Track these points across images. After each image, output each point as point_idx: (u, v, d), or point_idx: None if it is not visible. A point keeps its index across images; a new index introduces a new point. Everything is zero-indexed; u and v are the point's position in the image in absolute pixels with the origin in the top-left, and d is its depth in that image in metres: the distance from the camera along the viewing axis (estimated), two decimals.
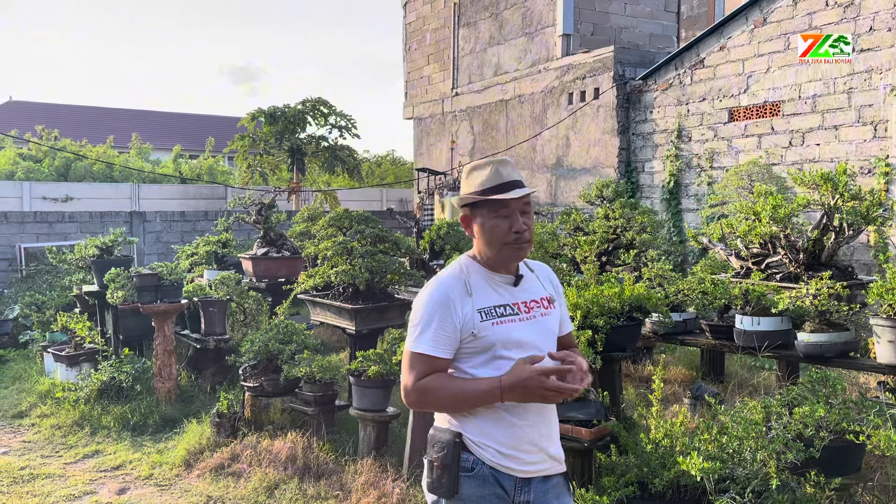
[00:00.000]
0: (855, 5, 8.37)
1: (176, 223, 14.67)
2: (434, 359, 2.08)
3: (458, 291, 2.11)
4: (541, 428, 2.16)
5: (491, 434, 2.11)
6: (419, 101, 16.29)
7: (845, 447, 3.47)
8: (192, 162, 24.74)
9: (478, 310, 2.10)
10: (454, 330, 2.08)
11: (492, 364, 2.11)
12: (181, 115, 38.73)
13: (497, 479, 2.11)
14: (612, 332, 4.36)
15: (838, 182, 5.36)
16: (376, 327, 5.99)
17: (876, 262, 7.96)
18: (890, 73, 8.06)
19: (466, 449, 2.12)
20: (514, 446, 2.11)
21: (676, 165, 10.53)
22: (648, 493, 3.50)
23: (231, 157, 23.31)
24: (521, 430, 2.12)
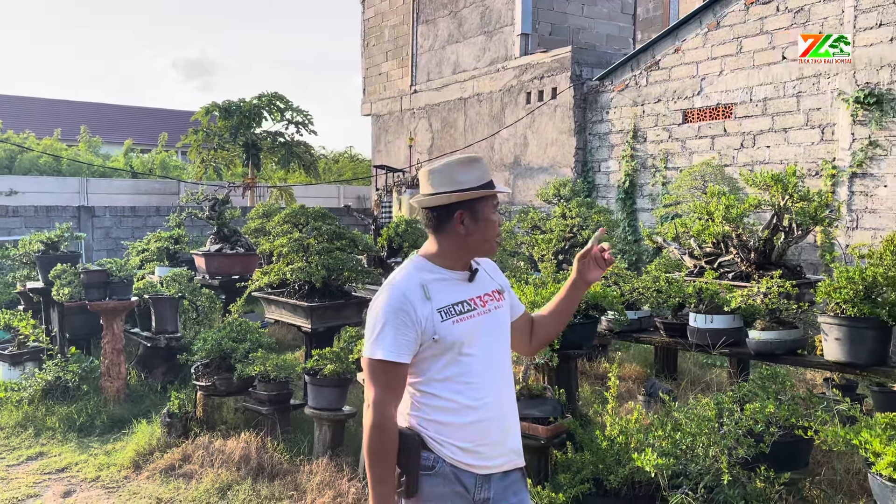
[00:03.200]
0: (804, 11, 8.59)
1: (126, 218, 14.31)
2: (396, 365, 2.04)
3: (417, 295, 2.07)
4: (502, 422, 2.16)
5: (451, 431, 2.09)
6: (377, 98, 16.19)
7: (794, 442, 3.55)
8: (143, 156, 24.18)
9: (438, 310, 2.08)
10: (415, 334, 2.05)
11: (455, 362, 2.09)
12: (133, 109, 37.80)
13: (458, 476, 2.10)
14: (568, 329, 4.38)
15: (788, 183, 5.49)
16: (333, 325, 5.92)
17: (823, 261, 8.19)
18: (837, 78, 8.30)
19: (427, 447, 2.10)
20: (475, 442, 2.10)
21: (632, 165, 10.67)
22: (604, 490, 3.53)
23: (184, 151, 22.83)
24: (482, 425, 2.11)
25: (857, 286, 3.88)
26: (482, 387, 2.12)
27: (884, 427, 2.95)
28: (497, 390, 2.16)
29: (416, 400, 2.14)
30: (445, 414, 2.10)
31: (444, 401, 2.09)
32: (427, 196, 2.16)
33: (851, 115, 8.14)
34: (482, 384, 2.12)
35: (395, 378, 2.06)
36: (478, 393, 2.11)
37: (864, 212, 8.12)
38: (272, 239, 6.66)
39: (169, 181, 19.16)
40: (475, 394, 2.10)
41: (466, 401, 2.09)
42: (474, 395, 2.10)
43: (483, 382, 2.12)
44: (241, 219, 10.74)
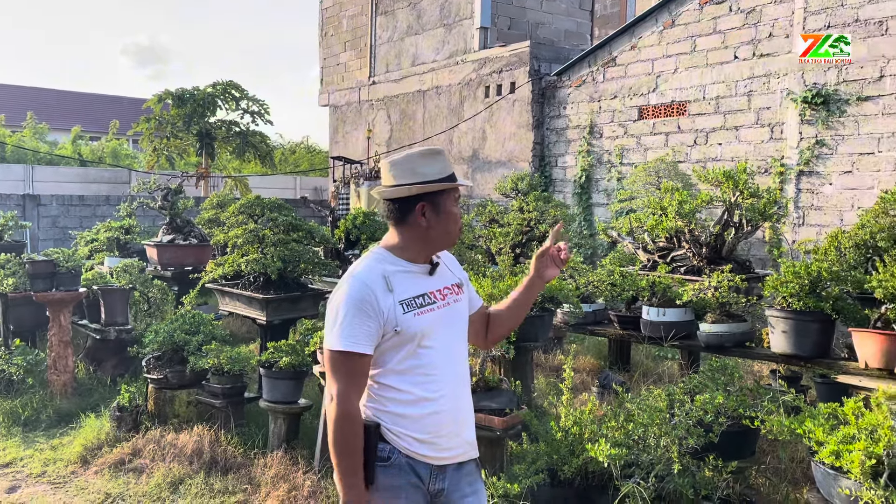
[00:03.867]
0: (756, 12, 8.79)
1: (75, 207, 13.91)
2: (358, 356, 2.03)
3: (379, 286, 2.07)
4: (458, 414, 2.18)
5: (407, 422, 2.10)
6: (335, 89, 16.04)
7: (741, 432, 3.65)
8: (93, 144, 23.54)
9: (399, 302, 2.08)
10: (376, 326, 2.04)
11: (414, 355, 2.10)
12: (82, 95, 36.70)
13: (413, 467, 2.11)
14: (525, 322, 4.41)
15: (738, 180, 5.63)
16: (288, 318, 5.86)
17: (771, 256, 8.41)
18: (786, 78, 8.52)
19: (383, 438, 2.10)
20: (432, 433, 2.11)
21: (588, 161, 10.79)
22: (558, 480, 3.58)
23: (136, 140, 22.29)
24: (439, 416, 2.12)
25: (802, 281, 4.00)
26: (440, 379, 2.13)
27: (826, 417, 3.06)
28: (454, 383, 2.18)
29: (374, 391, 2.14)
30: (402, 405, 2.10)
31: (401, 392, 2.10)
32: (389, 188, 2.15)
33: (799, 114, 8.37)
34: (440, 376, 2.13)
35: (358, 369, 2.05)
36: (435, 385, 2.12)
37: (810, 209, 8.37)
38: (227, 230, 6.56)
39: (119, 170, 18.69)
40: (433, 386, 2.11)
41: (424, 393, 2.10)
42: (432, 388, 2.11)
43: (441, 375, 2.13)
44: (195, 209, 10.54)
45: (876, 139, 7.80)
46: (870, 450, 2.72)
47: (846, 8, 7.98)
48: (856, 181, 7.99)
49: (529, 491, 3.50)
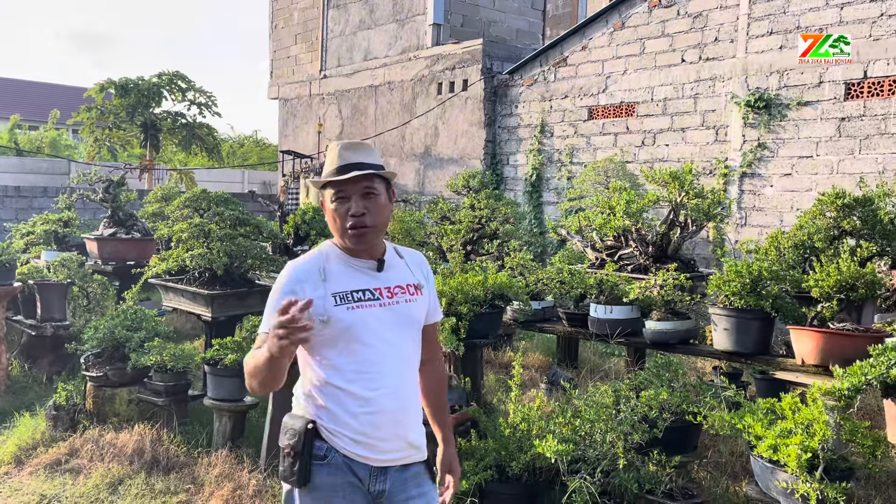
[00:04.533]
0: (703, 16, 8.99)
1: (10, 199, 13.39)
2: None
3: (311, 276, 2.06)
4: (397, 415, 2.11)
5: (345, 421, 2.05)
6: (285, 82, 15.81)
7: (684, 427, 3.73)
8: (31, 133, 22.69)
9: (332, 294, 2.04)
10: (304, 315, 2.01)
11: (349, 350, 2.06)
12: (18, 82, 35.34)
13: (351, 467, 2.07)
14: (475, 319, 4.43)
15: (684, 181, 5.75)
16: (235, 314, 5.75)
17: (714, 256, 8.63)
18: (731, 82, 8.74)
19: (320, 436, 2.06)
20: (368, 434, 2.06)
21: (539, 159, 10.89)
22: (506, 476, 3.60)
23: (76, 129, 21.58)
24: (377, 416, 2.07)
25: (744, 280, 4.10)
26: (380, 378, 2.07)
27: (765, 412, 3.14)
28: (397, 383, 2.11)
29: (311, 388, 2.10)
30: (339, 403, 2.06)
31: (338, 390, 2.06)
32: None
33: (743, 117, 8.60)
34: (380, 375, 2.07)
35: None
36: (374, 384, 2.07)
37: (752, 210, 8.61)
38: (171, 224, 6.40)
39: (58, 160, 18.06)
40: (371, 384, 2.06)
41: (361, 391, 2.05)
42: (370, 386, 2.06)
43: (381, 374, 2.08)
44: (138, 202, 10.27)
45: (814, 143, 8.07)
46: (805, 444, 2.81)
47: (788, 16, 8.22)
48: (795, 183, 8.25)
49: (478, 487, 3.51)
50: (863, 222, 4.55)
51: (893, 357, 2.84)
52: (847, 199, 4.59)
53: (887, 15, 7.47)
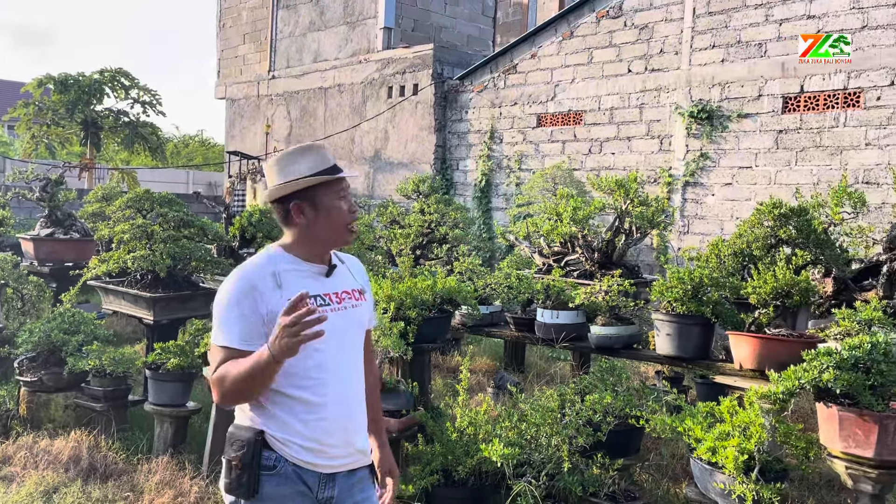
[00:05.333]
0: (649, 28, 9.21)
1: None
2: (239, 352, 1.96)
3: (266, 282, 2.01)
4: (346, 421, 2.11)
5: (294, 429, 2.03)
6: (233, 81, 15.56)
7: (627, 431, 3.80)
8: None
9: (287, 300, 2.02)
10: (260, 322, 1.97)
11: (302, 358, 2.00)
12: None
13: (300, 476, 2.04)
14: (423, 323, 4.43)
15: (629, 189, 5.87)
16: (178, 317, 5.63)
17: (658, 262, 8.83)
18: (675, 93, 8.97)
19: (268, 446, 2.03)
20: (320, 441, 2.05)
21: (488, 165, 10.97)
22: (452, 481, 3.61)
23: (12, 126, 20.80)
24: (328, 423, 2.06)
25: (685, 286, 4.21)
26: (330, 384, 2.06)
27: (704, 415, 3.23)
28: (346, 389, 2.12)
29: (259, 397, 2.06)
30: (290, 412, 2.03)
31: (289, 398, 2.03)
32: (268, 190, 2.12)
33: (686, 128, 8.83)
34: (330, 382, 2.06)
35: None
36: (325, 390, 2.06)
37: (694, 218, 8.85)
38: (112, 224, 6.22)
39: None
40: (322, 391, 2.05)
41: (313, 398, 2.04)
42: (321, 392, 2.05)
43: (331, 380, 2.07)
44: (78, 202, 9.95)
45: (754, 154, 8.34)
46: (742, 446, 2.90)
47: (730, 30, 8.49)
48: (735, 193, 8.51)
49: (424, 492, 3.51)
50: (798, 232, 4.72)
51: (825, 362, 2.95)
52: (783, 209, 4.75)
53: (823, 32, 7.78)
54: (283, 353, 1.82)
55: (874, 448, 2.89)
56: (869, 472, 2.96)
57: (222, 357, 1.97)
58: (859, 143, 7.59)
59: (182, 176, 20.25)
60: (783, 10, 8.07)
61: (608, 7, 9.58)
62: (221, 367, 1.95)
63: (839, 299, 4.75)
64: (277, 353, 1.82)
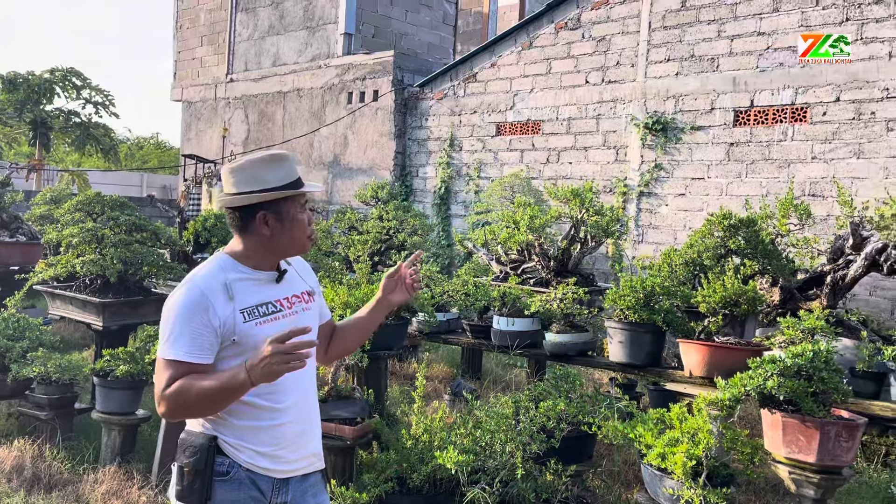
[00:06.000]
0: (606, 40, 9.37)
1: None
2: (191, 365, 1.94)
3: (218, 293, 1.98)
4: (303, 425, 2.12)
5: (249, 435, 2.02)
6: (190, 84, 15.33)
7: (580, 437, 3.84)
8: None
9: (240, 310, 2.00)
10: (213, 334, 1.95)
11: None
12: None
13: (254, 481, 2.04)
14: (380, 330, 4.40)
15: (585, 198, 5.96)
16: (128, 323, 5.51)
17: (613, 271, 8.96)
18: (631, 104, 9.14)
19: (222, 452, 2.02)
20: (274, 445, 2.05)
21: (448, 173, 11.01)
22: (407, 488, 3.60)
23: None
24: (283, 428, 2.06)
25: (638, 295, 4.29)
26: (284, 390, 2.06)
27: (655, 422, 3.29)
28: (300, 394, 2.12)
29: None
30: (244, 418, 2.02)
31: (242, 404, 2.01)
32: (228, 196, 2.07)
33: (641, 139, 9.00)
34: (284, 388, 2.06)
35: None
36: (279, 396, 2.05)
37: (648, 227, 9.01)
38: (61, 228, 6.07)
39: None
40: (277, 397, 2.05)
41: (267, 404, 2.03)
42: (275, 399, 2.05)
43: (286, 386, 2.05)
44: (24, 204, 9.68)
45: (706, 166, 8.54)
46: (691, 452, 2.96)
47: (684, 44, 8.69)
48: (688, 203, 8.70)
49: (378, 500, 3.50)
50: (747, 242, 4.85)
51: (769, 369, 3.03)
52: (733, 220, 4.87)
53: (772, 48, 8.02)
54: (263, 378, 1.84)
55: (816, 453, 2.98)
56: (811, 477, 3.05)
57: (173, 372, 1.94)
58: (806, 156, 7.83)
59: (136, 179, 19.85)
60: (735, 27, 8.29)
61: (567, 19, 9.72)
62: (179, 383, 1.92)
63: (786, 308, 4.90)
64: (258, 377, 1.84)
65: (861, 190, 7.40)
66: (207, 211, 7.24)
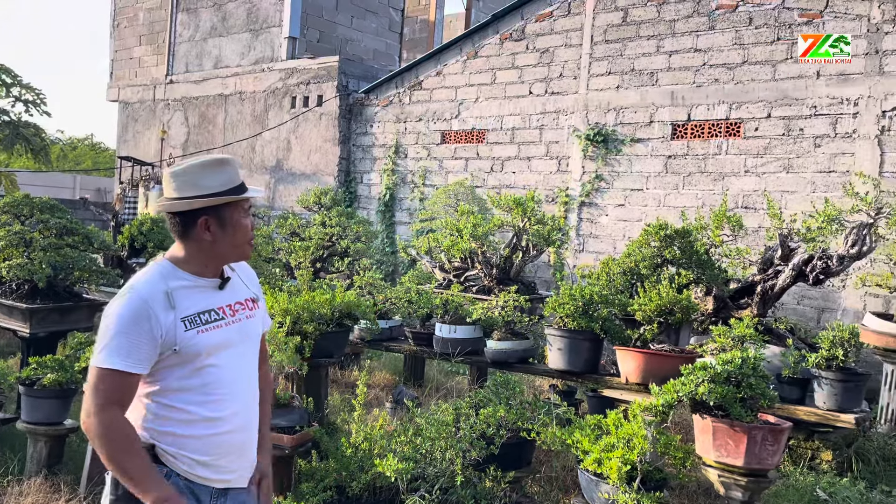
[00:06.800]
0: (549, 52, 9.53)
1: None
2: (126, 375, 1.89)
3: (159, 302, 1.95)
4: (244, 435, 2.09)
5: (188, 444, 1.99)
6: (127, 84, 14.92)
7: (520, 443, 3.88)
8: None
9: (181, 319, 1.97)
10: (152, 344, 1.92)
11: (196, 374, 1.99)
12: None
13: (192, 490, 2.00)
14: (321, 338, 4.38)
15: (527, 207, 6.04)
16: (58, 330, 5.32)
17: (554, 279, 9.09)
18: (573, 116, 9.31)
19: (159, 460, 1.98)
20: (214, 455, 2.02)
21: (393, 180, 11.00)
22: (346, 497, 3.57)
23: None
24: (223, 437, 2.03)
25: (577, 303, 4.37)
26: (225, 399, 2.04)
27: (592, 428, 3.35)
28: (241, 402, 2.09)
29: (151, 411, 2.00)
30: (183, 426, 1.99)
31: (182, 412, 1.98)
32: (169, 201, 2.03)
33: (583, 150, 9.17)
34: (226, 396, 2.03)
35: (125, 388, 1.92)
36: (220, 405, 2.02)
37: (589, 237, 9.18)
38: None
39: None
40: (217, 406, 2.02)
41: (207, 412, 2.00)
42: (216, 407, 2.02)
43: (227, 394, 2.04)
44: None
45: (645, 177, 8.76)
46: (626, 457, 3.02)
47: (624, 58, 8.90)
48: (627, 214, 8.90)
49: None
50: (682, 252, 5.00)
51: (701, 376, 3.13)
52: (669, 231, 5.02)
53: (708, 65, 8.29)
54: None
55: (743, 457, 3.08)
56: (739, 480, 3.16)
57: (110, 383, 1.89)
58: (739, 170, 8.11)
59: (68, 181, 19.19)
60: (673, 43, 8.54)
61: (511, 30, 9.85)
62: (123, 424, 1.90)
63: (718, 317, 5.05)
64: None
65: (790, 203, 7.70)
66: (144, 215, 7.05)
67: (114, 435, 1.88)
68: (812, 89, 7.64)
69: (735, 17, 8.13)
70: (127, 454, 1.88)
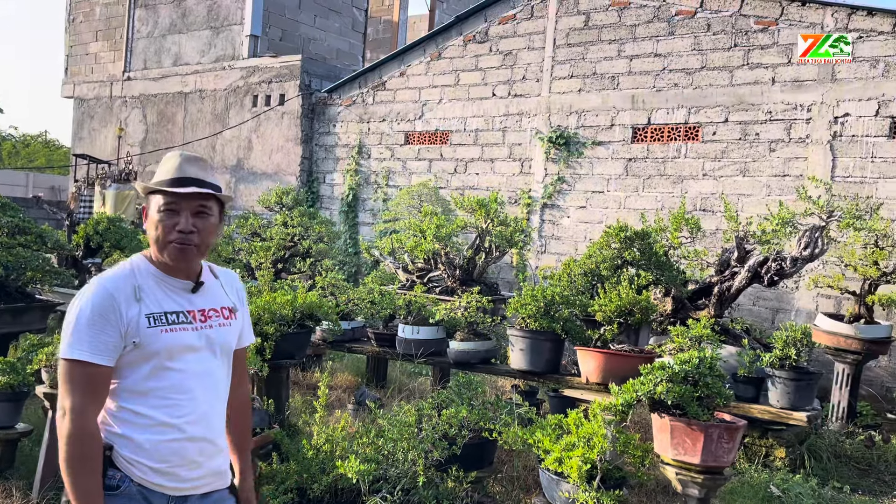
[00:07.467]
0: (512, 55, 9.59)
1: None
2: (94, 367, 1.86)
3: (125, 294, 1.92)
4: (203, 443, 2.03)
5: (143, 450, 1.94)
6: (83, 80, 14.58)
7: (482, 444, 3.89)
8: None
9: (146, 315, 1.93)
10: (117, 335, 1.89)
11: (156, 376, 1.95)
12: None
13: (146, 496, 1.95)
14: (282, 339, 4.34)
15: (490, 209, 6.07)
16: (9, 331, 5.18)
17: (516, 280, 9.15)
18: (536, 118, 9.38)
19: (114, 465, 1.93)
20: (171, 463, 1.97)
21: (356, 180, 10.95)
22: (307, 499, 3.54)
23: None
24: (180, 444, 1.98)
25: (538, 304, 4.40)
26: (186, 405, 1.99)
27: (553, 427, 3.38)
28: (204, 410, 2.03)
29: (108, 412, 1.96)
30: (139, 431, 1.94)
31: (138, 416, 1.94)
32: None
33: (545, 152, 9.25)
34: (186, 402, 1.99)
35: (95, 381, 1.88)
36: (180, 411, 1.98)
37: (551, 238, 9.26)
38: None
39: None
40: (176, 412, 1.97)
41: (165, 418, 1.96)
42: (175, 413, 1.97)
43: (188, 400, 1.99)
44: None
45: (606, 179, 8.87)
46: (586, 456, 3.06)
47: (586, 62, 9.01)
48: (589, 215, 9.00)
49: None
50: (641, 254, 5.07)
51: (659, 375, 3.18)
52: (629, 233, 5.09)
53: (668, 70, 8.44)
54: None
55: (700, 455, 3.14)
56: (696, 478, 3.22)
57: (78, 375, 1.86)
58: (697, 173, 8.27)
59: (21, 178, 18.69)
60: (633, 47, 8.67)
61: (475, 32, 9.89)
62: (92, 439, 1.87)
63: (677, 317, 5.14)
64: None
65: (746, 206, 7.88)
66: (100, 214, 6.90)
67: (80, 447, 1.85)
68: (768, 95, 7.83)
69: (694, 24, 8.29)
70: (81, 469, 1.85)
